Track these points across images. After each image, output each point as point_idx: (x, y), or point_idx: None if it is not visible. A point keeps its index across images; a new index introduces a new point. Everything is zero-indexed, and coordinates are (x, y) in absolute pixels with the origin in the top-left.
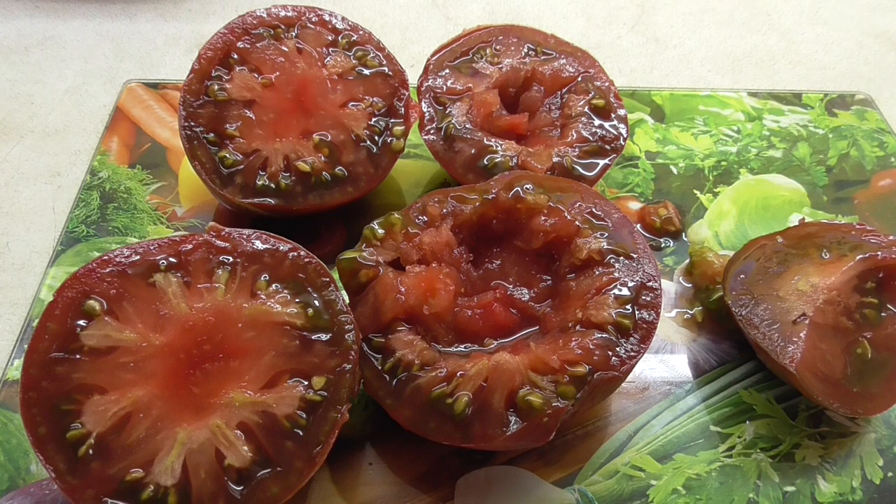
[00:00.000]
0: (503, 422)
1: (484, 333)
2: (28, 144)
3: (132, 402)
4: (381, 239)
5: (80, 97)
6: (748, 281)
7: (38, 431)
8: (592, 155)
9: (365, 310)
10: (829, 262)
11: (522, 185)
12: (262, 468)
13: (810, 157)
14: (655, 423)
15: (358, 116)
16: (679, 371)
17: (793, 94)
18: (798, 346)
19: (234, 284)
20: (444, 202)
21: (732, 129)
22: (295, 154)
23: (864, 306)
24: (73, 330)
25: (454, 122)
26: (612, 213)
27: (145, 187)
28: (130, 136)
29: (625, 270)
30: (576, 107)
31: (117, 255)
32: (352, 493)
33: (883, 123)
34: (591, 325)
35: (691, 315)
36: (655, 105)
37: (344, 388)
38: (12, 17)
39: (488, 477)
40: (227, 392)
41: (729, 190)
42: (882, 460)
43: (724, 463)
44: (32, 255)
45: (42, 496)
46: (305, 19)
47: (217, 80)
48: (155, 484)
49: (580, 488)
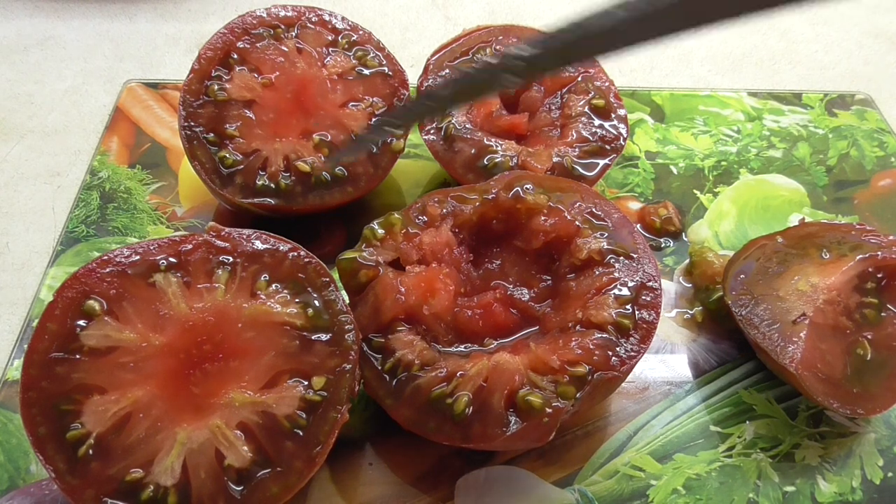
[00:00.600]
0: (503, 422)
1: (484, 333)
2: (28, 144)
3: (132, 402)
4: (381, 239)
5: (80, 97)
6: (748, 281)
7: (38, 431)
8: (592, 155)
9: (365, 310)
10: (829, 262)
11: (522, 185)
12: (262, 468)
13: (810, 157)
14: (655, 423)
15: (358, 116)
16: (679, 371)
17: (793, 94)
18: (798, 346)
19: (234, 284)
20: (444, 202)
21: (732, 129)
22: (295, 154)
23: (864, 306)
24: (72, 330)
25: (454, 122)
26: (612, 213)
27: (145, 187)
28: (130, 136)
29: (625, 270)
30: (576, 107)
31: (117, 255)
32: (352, 493)
33: (883, 123)
34: (591, 325)
35: (691, 315)
36: (655, 105)
37: (344, 388)
38: (12, 17)
39: (488, 477)
40: (227, 392)
41: (729, 190)
42: (882, 460)
43: (724, 463)
44: (32, 255)
45: (42, 496)
46: (305, 19)
47: (217, 80)
48: (155, 484)
49: (580, 488)
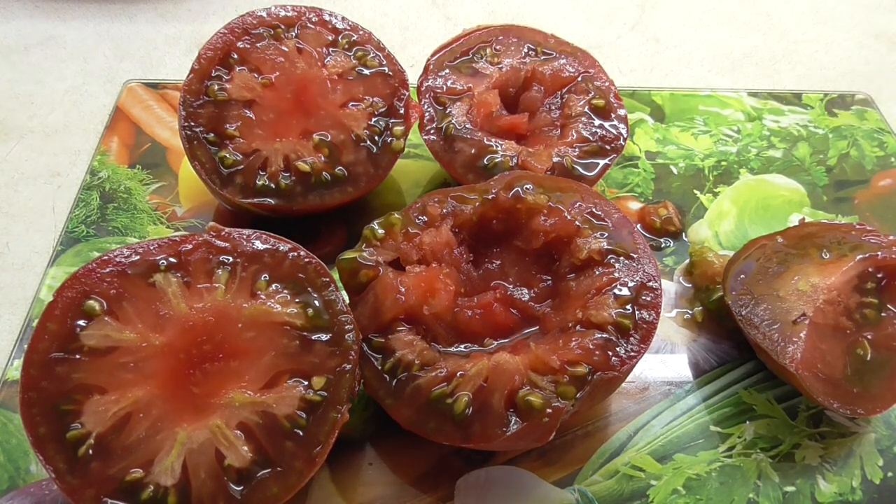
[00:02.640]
0: (503, 422)
1: (484, 333)
2: (28, 144)
3: (132, 402)
4: (381, 239)
5: (80, 97)
6: (748, 281)
7: (38, 431)
8: (592, 155)
9: (365, 310)
10: (829, 262)
11: (522, 185)
12: (262, 468)
13: (810, 157)
14: (655, 423)
15: (358, 116)
16: (679, 371)
17: (793, 94)
18: (798, 346)
19: (234, 284)
20: (444, 202)
21: (732, 129)
22: (295, 154)
23: (864, 306)
24: (72, 330)
25: (454, 122)
26: (612, 213)
27: (145, 187)
28: (130, 136)
29: (625, 270)
30: (576, 107)
31: (117, 255)
32: (352, 493)
33: (883, 123)
34: (592, 325)
35: (691, 315)
36: (655, 105)
37: (344, 388)
38: (12, 17)
39: (488, 477)
40: (227, 392)
41: (729, 190)
42: (882, 460)
43: (724, 463)
44: (32, 255)
45: (42, 496)
46: (305, 19)
47: (217, 80)
48: (155, 484)
49: (580, 488)
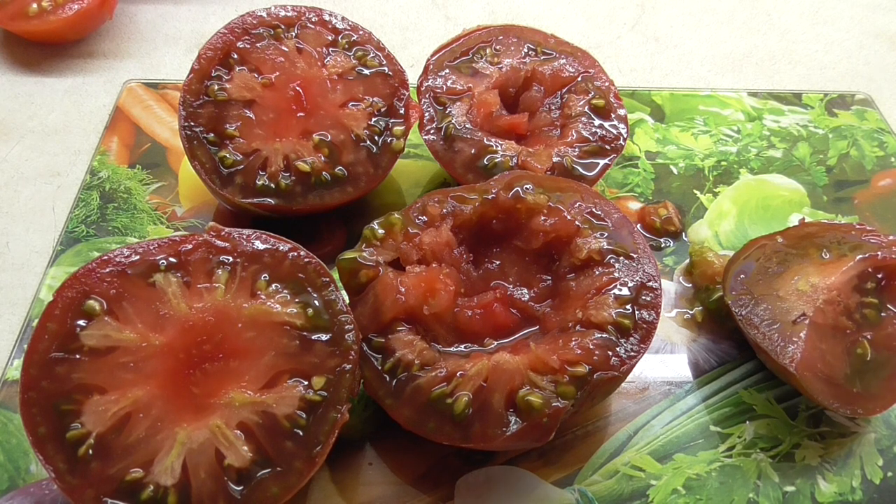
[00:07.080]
0: (503, 422)
1: (484, 333)
2: (28, 144)
3: (132, 402)
4: (381, 239)
5: (80, 97)
6: (748, 281)
7: (38, 431)
8: (592, 155)
9: (365, 310)
10: (829, 262)
11: (522, 185)
12: (262, 468)
13: (810, 157)
14: (655, 423)
15: (358, 116)
16: (679, 371)
17: (793, 94)
18: (798, 346)
19: (234, 284)
20: (444, 202)
21: (732, 129)
22: (295, 154)
23: (864, 306)
24: (72, 330)
25: (454, 122)
26: (612, 213)
27: (145, 187)
28: (130, 136)
29: (625, 270)
30: (576, 107)
31: (117, 255)
32: (352, 493)
33: (883, 123)
34: (591, 325)
35: (691, 315)
36: (655, 105)
37: (344, 388)
38: None
39: (488, 477)
40: (227, 392)
41: (729, 190)
42: (882, 460)
43: (724, 463)
44: (32, 255)
45: (42, 496)
46: (305, 19)
47: (217, 80)
48: (155, 484)
49: (580, 488)
